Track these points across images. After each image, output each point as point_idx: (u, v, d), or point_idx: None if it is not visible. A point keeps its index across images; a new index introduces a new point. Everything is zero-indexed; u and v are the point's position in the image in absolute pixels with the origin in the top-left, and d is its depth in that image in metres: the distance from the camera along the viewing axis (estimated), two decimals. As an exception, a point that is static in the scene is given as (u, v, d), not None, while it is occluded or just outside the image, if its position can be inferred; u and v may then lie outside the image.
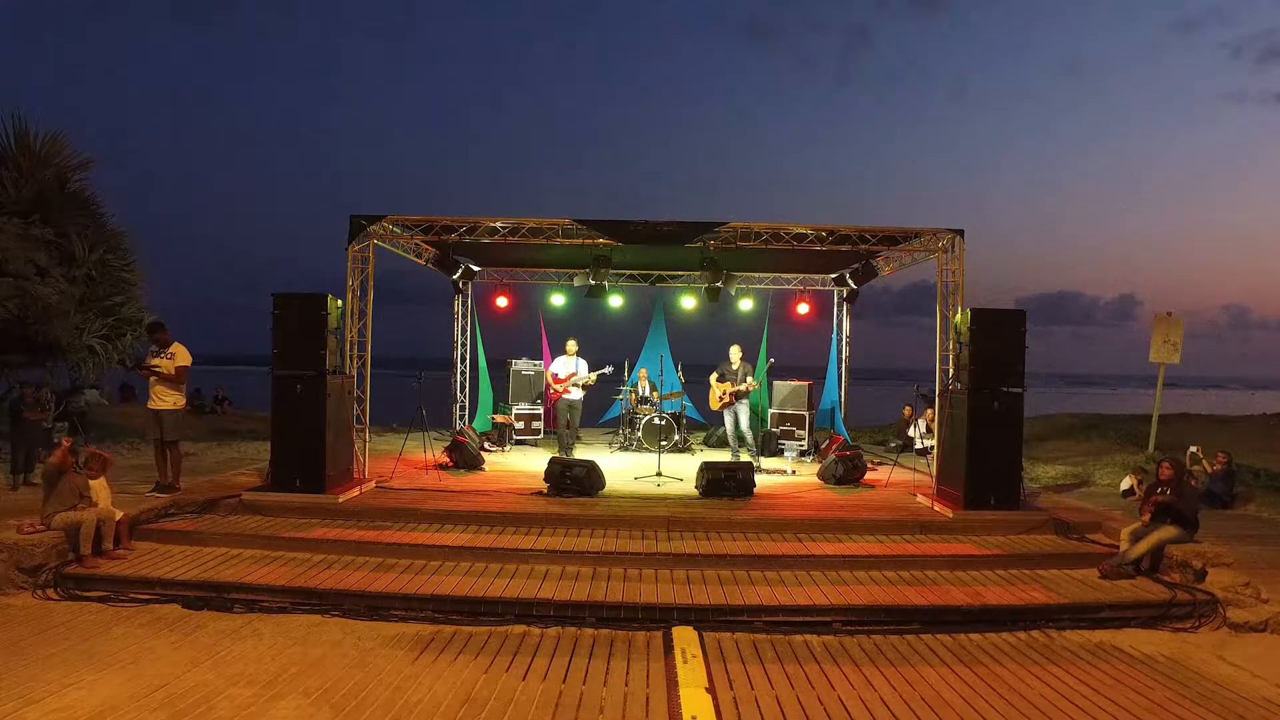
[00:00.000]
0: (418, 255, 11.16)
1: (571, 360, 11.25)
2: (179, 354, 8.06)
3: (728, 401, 10.79)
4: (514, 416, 12.87)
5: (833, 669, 4.95)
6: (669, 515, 7.61)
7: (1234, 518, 9.18)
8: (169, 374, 7.98)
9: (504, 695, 4.46)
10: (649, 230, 8.89)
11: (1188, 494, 6.76)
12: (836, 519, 7.69)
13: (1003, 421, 7.64)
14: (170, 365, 7.99)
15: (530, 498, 8.39)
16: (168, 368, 7.98)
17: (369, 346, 8.80)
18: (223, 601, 5.78)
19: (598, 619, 5.61)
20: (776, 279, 13.53)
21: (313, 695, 4.40)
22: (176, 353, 8.05)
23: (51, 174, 9.98)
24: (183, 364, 8.05)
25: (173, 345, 8.09)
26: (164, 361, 7.99)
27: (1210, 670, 5.06)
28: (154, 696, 4.33)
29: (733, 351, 10.88)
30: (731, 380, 10.71)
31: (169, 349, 8.06)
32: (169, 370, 7.98)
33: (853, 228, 9.07)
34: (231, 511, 7.62)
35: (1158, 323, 12.37)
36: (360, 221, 8.66)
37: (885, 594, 6.01)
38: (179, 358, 8.04)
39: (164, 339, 8.10)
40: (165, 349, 8.05)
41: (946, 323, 8.48)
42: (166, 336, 8.12)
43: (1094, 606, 5.89)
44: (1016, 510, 7.71)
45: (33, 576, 5.98)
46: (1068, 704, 4.51)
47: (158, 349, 8.08)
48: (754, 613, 5.66)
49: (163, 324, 8.27)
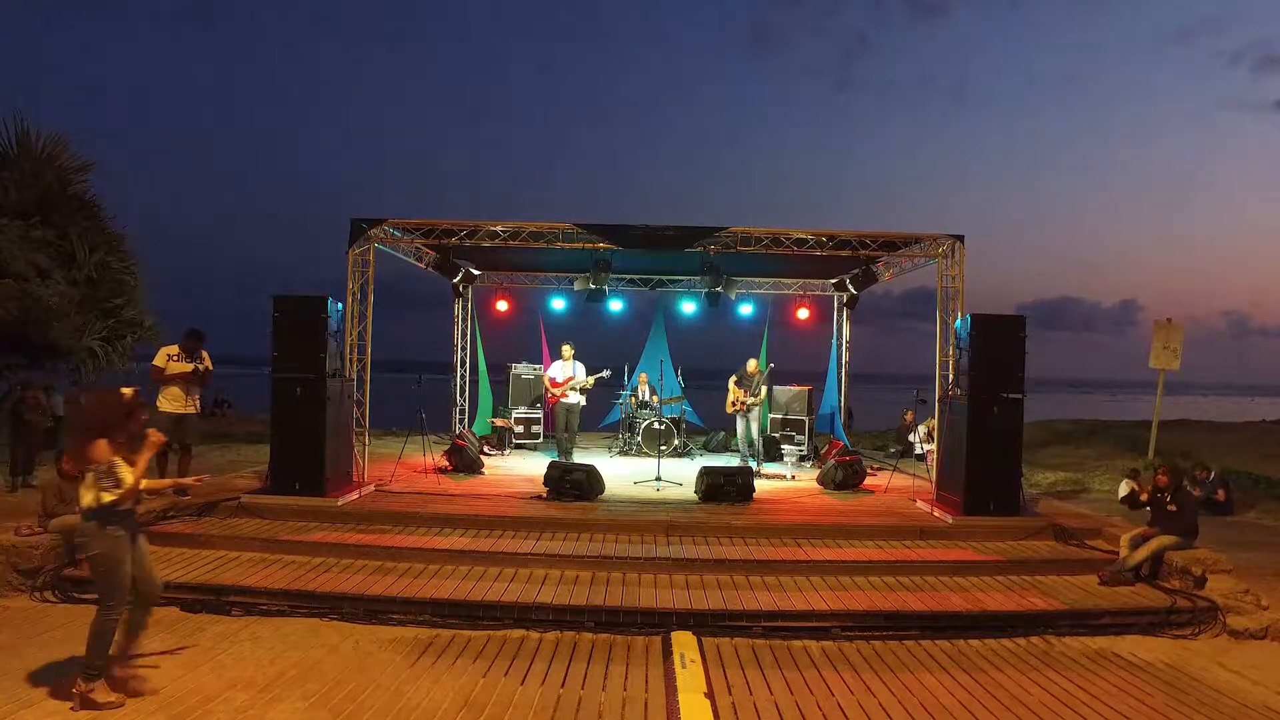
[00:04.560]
0: (418, 259, 11.17)
1: (568, 364, 11.25)
2: (205, 359, 8.09)
3: (740, 409, 10.84)
4: (514, 420, 12.87)
5: (832, 674, 4.94)
6: (668, 520, 7.60)
7: (1234, 524, 9.18)
8: (207, 380, 8.11)
9: (502, 699, 4.45)
10: (649, 235, 8.90)
11: (1187, 501, 6.76)
12: (836, 524, 7.68)
13: (1002, 427, 7.64)
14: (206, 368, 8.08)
15: (529, 502, 8.38)
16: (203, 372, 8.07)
17: (369, 349, 8.80)
18: (221, 604, 5.77)
19: (597, 623, 5.60)
20: (777, 284, 13.53)
21: (311, 699, 4.39)
22: (204, 357, 8.07)
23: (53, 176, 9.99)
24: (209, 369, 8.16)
25: (201, 351, 8.08)
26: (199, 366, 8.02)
27: (1210, 677, 5.05)
28: (152, 699, 4.31)
29: (750, 364, 10.98)
30: (747, 388, 10.77)
31: (197, 354, 8.03)
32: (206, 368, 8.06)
33: (853, 233, 9.08)
34: (230, 514, 7.61)
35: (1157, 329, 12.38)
36: (361, 224, 8.67)
37: (884, 599, 6.01)
38: (206, 362, 8.08)
39: (194, 346, 8.05)
40: (191, 354, 8.00)
41: (946, 328, 8.49)
42: (197, 345, 8.08)
43: (1093, 613, 5.89)
44: (1016, 516, 7.70)
45: (30, 578, 5.96)
46: (1067, 710, 4.51)
47: (184, 355, 7.97)
48: (753, 618, 5.65)
49: (200, 332, 8.19)
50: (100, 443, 4.18)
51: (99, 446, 4.18)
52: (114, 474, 4.17)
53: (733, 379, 11.01)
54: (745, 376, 10.88)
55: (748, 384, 10.82)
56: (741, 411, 10.87)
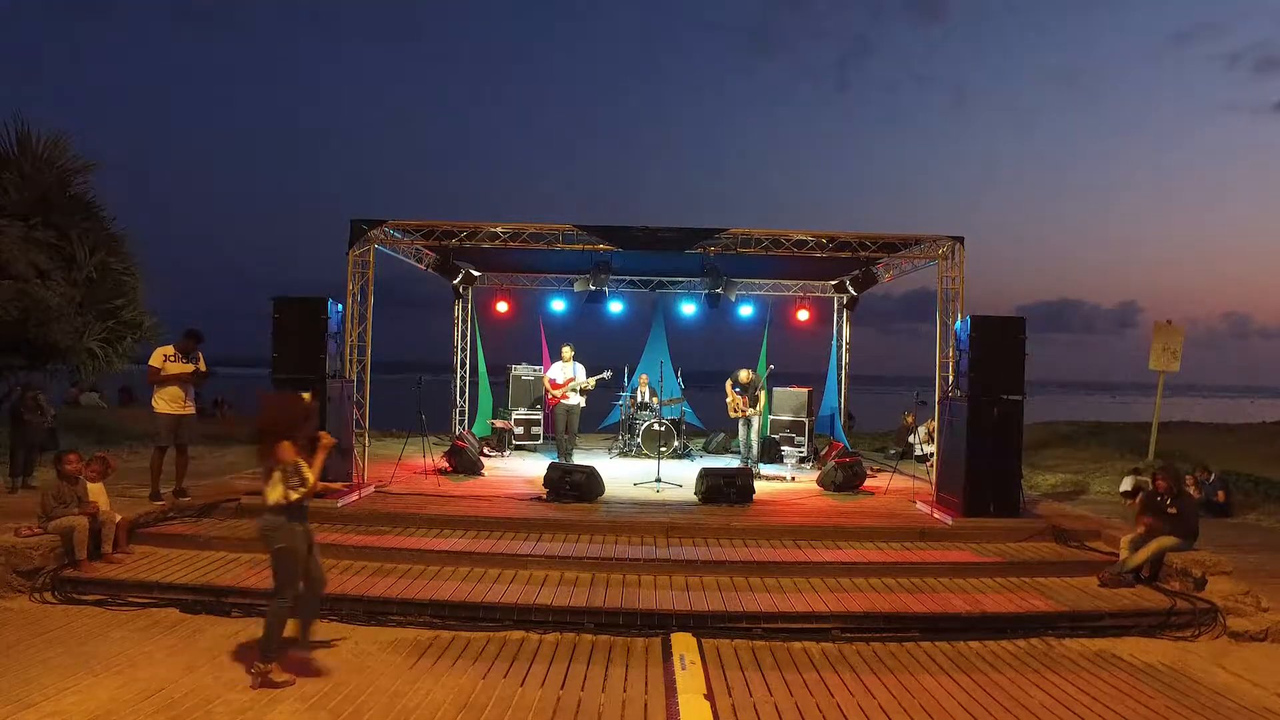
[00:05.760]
0: (418, 260, 11.17)
1: (568, 366, 11.25)
2: (200, 361, 8.06)
3: (741, 415, 10.84)
4: (513, 422, 12.87)
5: (831, 676, 4.94)
6: (668, 521, 7.60)
7: (1234, 526, 9.17)
8: (204, 380, 8.09)
9: (502, 701, 4.45)
10: (649, 236, 8.90)
11: (1187, 503, 6.75)
12: (836, 526, 7.68)
13: (1002, 429, 7.64)
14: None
15: (529, 503, 8.38)
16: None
17: (369, 351, 8.80)
18: (220, 605, 5.76)
19: (596, 625, 5.60)
20: (777, 285, 13.53)
21: (310, 700, 4.39)
22: (199, 359, 8.05)
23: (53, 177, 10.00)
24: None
25: (196, 352, 8.05)
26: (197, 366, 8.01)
27: (1210, 679, 5.04)
28: (151, 701, 4.31)
29: (742, 373, 10.96)
30: (746, 395, 10.78)
31: (193, 354, 8.00)
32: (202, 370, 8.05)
33: (853, 234, 9.08)
34: (230, 515, 7.61)
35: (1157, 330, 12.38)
36: (361, 226, 8.67)
37: (884, 601, 6.00)
38: (200, 364, 8.05)
39: (191, 346, 8.00)
40: (188, 355, 7.97)
41: (946, 330, 8.49)
42: (194, 345, 8.04)
43: (1094, 614, 5.88)
44: (1016, 518, 7.70)
45: (30, 579, 5.95)
46: (1067, 712, 4.50)
47: (182, 355, 7.92)
48: (753, 619, 5.65)
49: (198, 332, 8.15)
50: (285, 444, 4.51)
51: (284, 448, 4.51)
52: (299, 474, 4.53)
53: (729, 383, 11.00)
54: (739, 385, 10.89)
55: (744, 392, 10.83)
56: (744, 417, 10.88)
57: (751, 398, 10.76)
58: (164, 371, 7.81)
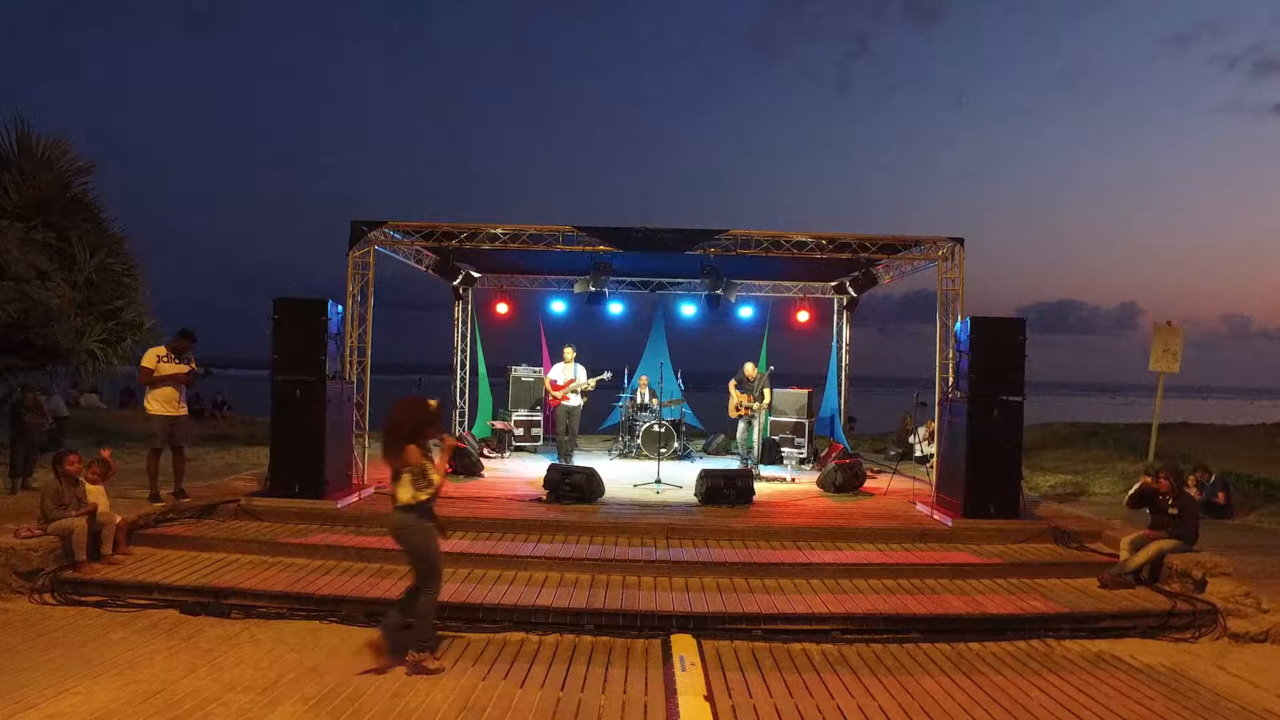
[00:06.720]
0: (418, 261, 11.17)
1: (569, 367, 11.25)
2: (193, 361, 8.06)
3: (745, 414, 10.83)
4: (513, 423, 12.87)
5: (832, 677, 4.94)
6: (668, 522, 7.60)
7: (1234, 527, 9.16)
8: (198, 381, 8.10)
9: (502, 702, 4.45)
10: (649, 237, 8.91)
11: (1187, 504, 6.75)
12: (836, 527, 7.68)
13: (1002, 430, 7.64)
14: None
15: (529, 504, 8.38)
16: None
17: (369, 352, 8.80)
18: (220, 607, 5.76)
19: (596, 626, 5.60)
20: (777, 286, 13.53)
21: (310, 701, 4.38)
22: (193, 359, 8.05)
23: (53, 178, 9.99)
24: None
25: (190, 352, 8.05)
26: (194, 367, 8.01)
27: (1211, 680, 5.04)
28: (150, 702, 4.31)
29: (748, 367, 10.96)
30: (749, 392, 10.76)
31: (187, 355, 8.00)
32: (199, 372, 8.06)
33: (853, 236, 9.09)
34: (230, 516, 7.61)
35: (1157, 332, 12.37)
36: (361, 227, 8.67)
37: (885, 602, 6.00)
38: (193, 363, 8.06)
39: (185, 347, 8.00)
40: (182, 355, 7.96)
41: (946, 331, 8.49)
42: (188, 346, 8.03)
43: (1094, 616, 5.88)
44: (1016, 519, 7.70)
45: (30, 581, 5.95)
46: (1067, 714, 4.50)
47: (175, 356, 7.91)
48: (753, 621, 5.65)
49: (192, 332, 8.16)
50: (412, 447, 4.69)
51: (412, 450, 4.68)
52: (427, 475, 4.71)
53: (732, 383, 11.00)
54: (744, 381, 10.88)
55: (749, 388, 10.81)
56: (745, 416, 10.87)
57: (757, 393, 10.73)
58: (157, 372, 7.75)
